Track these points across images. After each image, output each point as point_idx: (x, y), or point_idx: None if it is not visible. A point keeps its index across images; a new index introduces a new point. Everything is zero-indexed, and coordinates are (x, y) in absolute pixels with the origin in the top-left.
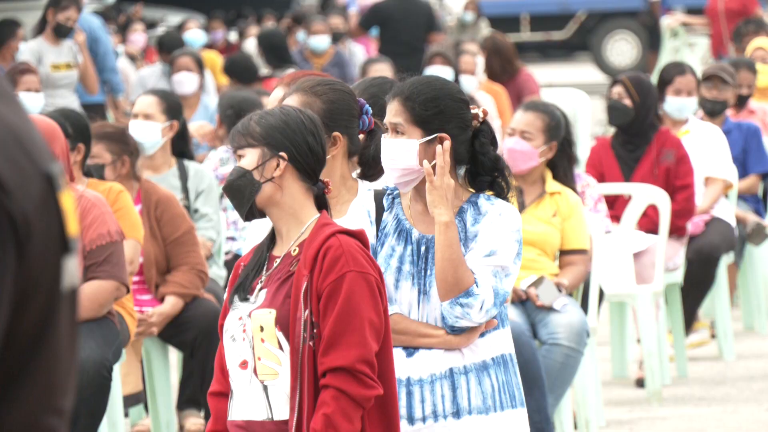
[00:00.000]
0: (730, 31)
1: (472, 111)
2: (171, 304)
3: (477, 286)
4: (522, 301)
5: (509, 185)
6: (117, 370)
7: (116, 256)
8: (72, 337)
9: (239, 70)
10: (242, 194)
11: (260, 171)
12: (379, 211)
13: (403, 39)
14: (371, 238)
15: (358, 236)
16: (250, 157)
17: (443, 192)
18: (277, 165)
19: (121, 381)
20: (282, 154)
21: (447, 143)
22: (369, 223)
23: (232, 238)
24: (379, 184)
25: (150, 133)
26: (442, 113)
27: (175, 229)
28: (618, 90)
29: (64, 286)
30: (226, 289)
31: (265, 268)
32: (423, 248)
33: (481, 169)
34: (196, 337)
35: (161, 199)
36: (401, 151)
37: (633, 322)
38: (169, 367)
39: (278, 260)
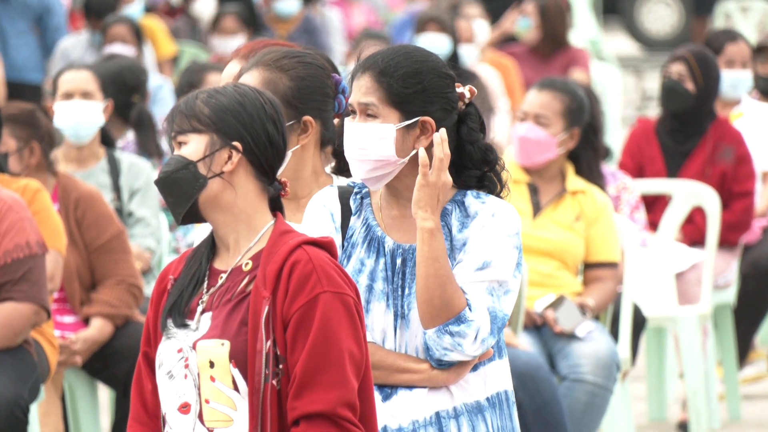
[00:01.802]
0: None
1: (457, 90)
2: (98, 328)
3: (470, 309)
4: (537, 326)
5: (502, 182)
6: (34, 410)
7: (36, 273)
8: None
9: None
10: (181, 190)
11: (207, 163)
12: (345, 214)
13: None
14: (337, 249)
15: (326, 246)
16: (195, 146)
17: (435, 191)
18: (229, 158)
19: (39, 422)
20: (236, 144)
21: (443, 131)
22: (334, 230)
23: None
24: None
25: (92, 115)
26: (425, 91)
27: (99, 232)
28: (679, 69)
29: None
30: (150, 307)
31: (205, 285)
32: (399, 261)
33: (469, 161)
34: (129, 370)
35: (82, 197)
36: (374, 139)
37: (674, 352)
38: (98, 407)
39: (224, 276)
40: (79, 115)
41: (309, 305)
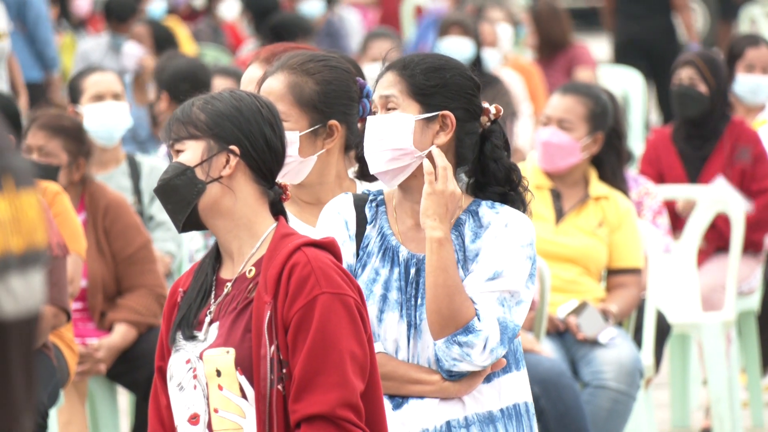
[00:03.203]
0: None
1: (483, 105)
2: (121, 334)
3: (479, 319)
4: (560, 332)
5: (525, 203)
6: (54, 415)
7: (56, 275)
8: (26, 374)
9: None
10: (180, 196)
11: (205, 168)
12: (361, 222)
13: None
14: (349, 257)
15: (328, 247)
16: (192, 152)
17: (443, 200)
18: (227, 162)
19: (62, 430)
20: (233, 148)
21: (436, 147)
22: (348, 238)
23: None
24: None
25: (124, 117)
26: (446, 87)
27: (127, 243)
28: (689, 73)
29: (6, 312)
30: (162, 321)
31: (212, 296)
32: (413, 271)
33: (492, 179)
34: (151, 375)
35: (110, 205)
36: (392, 128)
37: (698, 358)
38: (118, 412)
39: (229, 285)
40: (112, 116)
41: (308, 307)
